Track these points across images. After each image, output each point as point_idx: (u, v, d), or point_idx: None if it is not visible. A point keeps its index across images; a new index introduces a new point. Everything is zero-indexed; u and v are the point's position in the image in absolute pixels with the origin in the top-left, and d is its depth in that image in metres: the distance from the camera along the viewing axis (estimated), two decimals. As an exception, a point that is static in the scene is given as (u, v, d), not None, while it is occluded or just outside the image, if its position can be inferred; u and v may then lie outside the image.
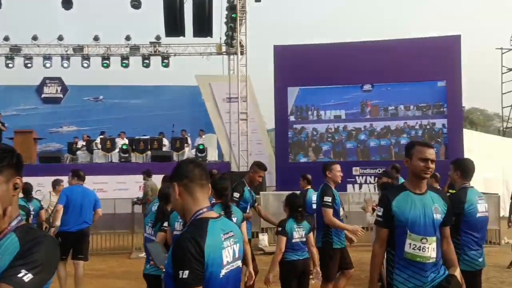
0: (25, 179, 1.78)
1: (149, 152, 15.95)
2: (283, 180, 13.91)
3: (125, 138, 16.46)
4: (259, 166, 6.05)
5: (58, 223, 6.59)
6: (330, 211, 5.33)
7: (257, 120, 17.52)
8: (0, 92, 21.64)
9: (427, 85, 14.48)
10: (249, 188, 5.95)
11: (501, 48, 25.49)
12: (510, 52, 25.12)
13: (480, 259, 4.12)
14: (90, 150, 16.68)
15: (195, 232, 2.03)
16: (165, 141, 16.78)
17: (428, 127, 14.58)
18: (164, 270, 2.47)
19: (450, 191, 5.63)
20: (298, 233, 4.91)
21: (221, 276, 2.05)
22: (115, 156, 15.84)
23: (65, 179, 7.81)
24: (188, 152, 16.40)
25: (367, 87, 14.94)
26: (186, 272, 1.93)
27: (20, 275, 1.48)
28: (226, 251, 2.12)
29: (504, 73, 25.75)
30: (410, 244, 3.09)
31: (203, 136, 17.13)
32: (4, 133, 17.76)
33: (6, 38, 19.64)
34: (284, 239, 4.80)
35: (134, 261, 9.51)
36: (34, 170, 13.05)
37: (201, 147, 15.15)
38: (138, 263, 9.14)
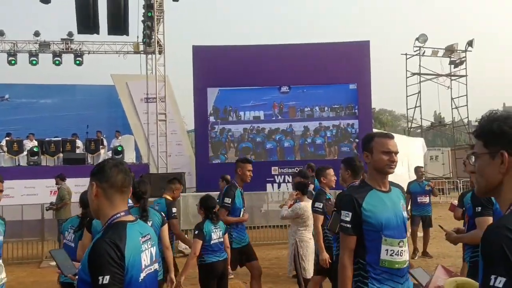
0: None
1: (61, 155, 15.14)
2: (203, 181, 13.88)
3: (34, 140, 15.54)
4: (242, 161, 5.75)
5: None
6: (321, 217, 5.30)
7: (176, 121, 17.30)
8: None
9: (340, 87, 15.17)
10: (241, 190, 5.71)
11: (406, 54, 27.27)
12: (414, 58, 26.96)
13: None
14: (-6, 153, 15.52)
15: (113, 235, 1.97)
16: (79, 143, 16.05)
17: (341, 127, 15.25)
18: (74, 279, 2.35)
19: None
20: (216, 234, 4.92)
21: (140, 280, 2.02)
22: (23, 159, 14.89)
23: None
24: (104, 154, 15.81)
25: (284, 89, 15.31)
26: (107, 277, 1.86)
27: None
28: (144, 254, 2.09)
29: (409, 77, 27.59)
30: (387, 250, 2.71)
31: (120, 137, 16.60)
32: None
33: None
34: (200, 242, 4.78)
35: (45, 270, 8.99)
36: None
37: (119, 148, 14.67)
38: (49, 272, 8.66)
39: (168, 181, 5.96)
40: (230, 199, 5.52)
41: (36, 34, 18.76)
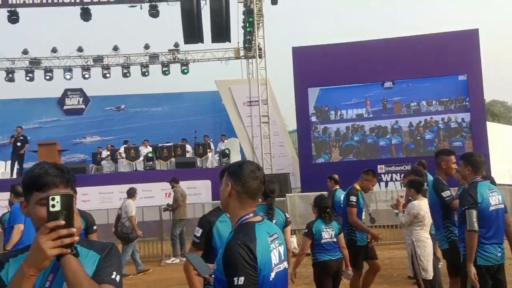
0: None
1: (173, 159, 16.05)
2: (307, 181, 13.89)
3: (148, 146, 16.60)
4: (446, 153, 5.26)
5: (11, 246, 5.95)
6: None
7: (278, 122, 17.51)
8: (21, 105, 21.95)
9: (448, 79, 14.33)
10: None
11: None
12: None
13: (499, 254, 4.00)
14: (114, 160, 16.87)
15: (244, 237, 2.02)
16: (188, 147, 16.89)
17: (452, 121, 14.41)
18: (211, 279, 2.47)
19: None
20: (327, 233, 4.94)
21: (271, 279, 2.06)
22: (139, 165, 15.98)
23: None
24: (211, 158, 16.49)
25: (388, 84, 14.84)
26: (242, 278, 1.92)
27: None
28: (273, 253, 2.12)
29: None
30: None
31: (225, 141, 17.21)
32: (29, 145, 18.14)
33: (25, 52, 19.97)
34: (308, 241, 4.90)
35: (165, 268, 9.58)
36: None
37: (227, 151, 15.21)
38: (168, 270, 9.24)
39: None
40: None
41: (146, 47, 20.16)
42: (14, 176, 14.86)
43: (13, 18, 15.18)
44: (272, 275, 2.07)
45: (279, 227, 4.54)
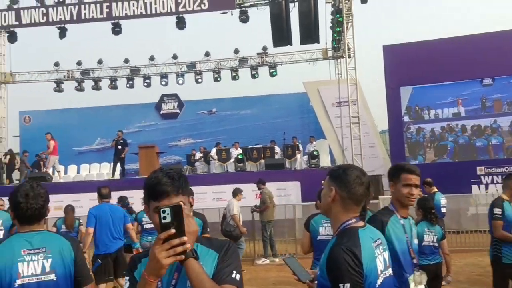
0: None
1: (262, 161, 16.32)
2: (400, 183, 13.45)
3: (239, 148, 17.03)
4: None
5: (86, 248, 6.25)
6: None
7: (368, 123, 17.14)
8: (123, 110, 23.52)
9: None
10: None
11: None
12: None
13: None
14: (207, 161, 17.54)
15: (348, 242, 1.97)
16: (277, 149, 17.08)
17: None
18: (312, 285, 2.50)
19: None
20: (429, 236, 4.82)
21: (377, 285, 2.01)
22: (230, 166, 16.45)
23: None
24: (300, 159, 16.54)
25: (487, 81, 13.98)
26: (347, 285, 1.89)
27: None
28: (379, 259, 2.07)
29: None
30: None
31: (314, 142, 17.19)
32: (128, 148, 19.42)
33: (126, 61, 21.34)
34: None
35: (257, 268, 9.78)
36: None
37: (315, 153, 15.19)
38: (261, 270, 9.43)
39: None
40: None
41: (236, 51, 20.70)
42: (117, 177, 15.95)
43: (116, 30, 16.35)
44: (379, 281, 2.03)
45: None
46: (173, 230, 1.54)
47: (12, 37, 17.75)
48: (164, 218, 1.55)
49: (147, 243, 7.93)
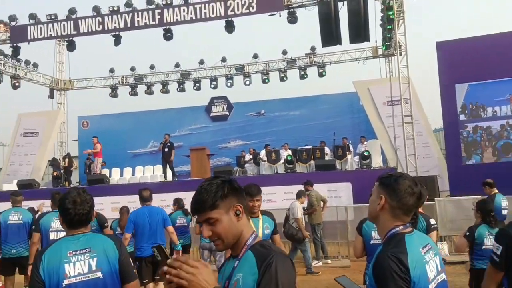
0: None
1: (312, 162, 16.22)
2: (457, 184, 12.99)
3: (288, 149, 17.02)
4: None
5: None
6: None
7: (421, 122, 16.64)
8: (174, 113, 24.08)
9: None
10: None
11: None
12: None
13: None
14: (256, 163, 17.63)
15: (394, 249, 1.96)
16: (327, 150, 16.93)
17: None
18: None
19: None
20: (490, 240, 4.61)
21: None
22: (280, 167, 16.45)
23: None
24: (351, 160, 16.31)
25: (550, 76, 13.24)
26: None
27: None
28: (429, 265, 2.03)
29: None
30: None
31: (365, 143, 16.89)
32: (180, 151, 19.86)
33: (177, 65, 21.86)
34: (465, 243, 4.73)
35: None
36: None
37: (366, 153, 14.93)
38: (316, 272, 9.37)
39: None
40: None
41: (284, 52, 20.72)
42: (169, 179, 16.32)
43: (168, 35, 16.76)
44: (431, 287, 1.99)
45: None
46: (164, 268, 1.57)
47: (71, 46, 18.59)
48: (157, 256, 1.66)
49: (207, 244, 8.10)
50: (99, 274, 2.71)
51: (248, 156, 18.57)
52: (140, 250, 6.44)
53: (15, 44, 17.92)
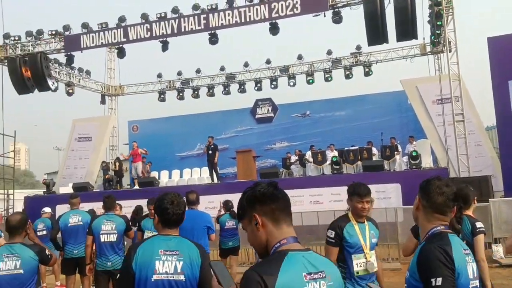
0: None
1: (359, 163, 16.01)
2: (511, 184, 12.48)
3: (334, 150, 16.88)
4: None
5: None
6: None
7: (473, 120, 16.06)
8: (220, 116, 24.44)
9: None
10: None
11: None
12: None
13: None
14: (302, 164, 17.60)
15: (440, 242, 2.09)
16: (374, 150, 16.67)
17: None
18: None
19: None
20: None
21: None
22: (326, 169, 16.33)
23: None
24: (399, 160, 15.99)
25: None
26: (439, 279, 1.99)
27: None
28: (469, 266, 2.13)
29: None
30: None
31: (414, 142, 16.49)
32: (226, 153, 20.10)
33: (222, 68, 22.17)
34: None
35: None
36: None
37: (414, 153, 14.57)
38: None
39: None
40: None
41: (329, 52, 20.57)
42: (215, 181, 16.52)
43: (213, 39, 17.02)
44: (470, 286, 2.09)
45: (467, 236, 4.26)
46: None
47: (121, 53, 19.23)
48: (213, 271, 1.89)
49: None
50: (182, 277, 2.90)
51: (293, 158, 18.57)
52: None
53: (69, 53, 18.70)
